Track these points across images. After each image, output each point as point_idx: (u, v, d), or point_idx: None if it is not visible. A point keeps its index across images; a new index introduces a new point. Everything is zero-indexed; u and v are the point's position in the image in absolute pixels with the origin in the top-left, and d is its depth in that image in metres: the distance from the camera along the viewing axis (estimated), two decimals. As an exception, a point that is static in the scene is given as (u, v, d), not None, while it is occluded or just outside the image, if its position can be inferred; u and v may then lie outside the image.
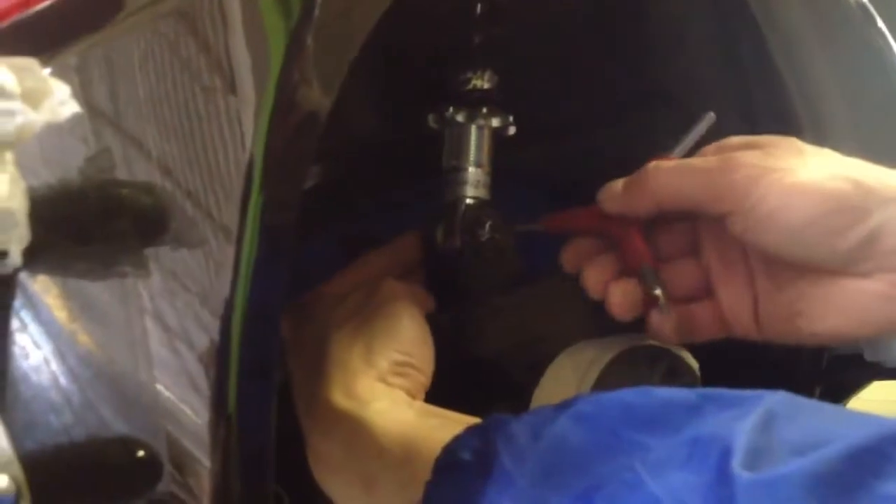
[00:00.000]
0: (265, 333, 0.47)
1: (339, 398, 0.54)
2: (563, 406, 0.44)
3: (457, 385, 0.63)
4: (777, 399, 0.39)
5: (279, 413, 0.59)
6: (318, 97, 0.44)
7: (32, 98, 0.30)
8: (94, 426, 0.41)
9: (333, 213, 0.75)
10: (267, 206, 0.45)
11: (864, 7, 0.82)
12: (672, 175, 0.54)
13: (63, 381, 0.41)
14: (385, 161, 0.77)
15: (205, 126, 0.43)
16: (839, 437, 0.34)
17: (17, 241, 0.33)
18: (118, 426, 0.42)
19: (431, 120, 0.68)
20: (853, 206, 0.48)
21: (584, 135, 0.81)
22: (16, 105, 0.29)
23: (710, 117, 0.62)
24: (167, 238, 0.42)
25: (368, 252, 0.67)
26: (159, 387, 0.43)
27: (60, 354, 0.41)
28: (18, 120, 0.29)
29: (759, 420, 0.37)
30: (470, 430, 0.46)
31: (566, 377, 0.59)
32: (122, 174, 0.42)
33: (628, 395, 0.43)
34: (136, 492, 0.41)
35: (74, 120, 0.36)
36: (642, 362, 0.62)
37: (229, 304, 0.44)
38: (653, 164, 0.55)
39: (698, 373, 0.65)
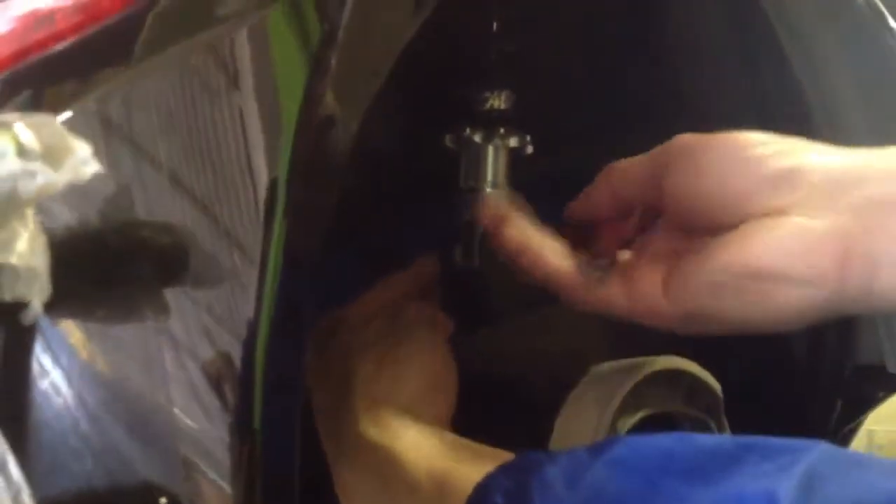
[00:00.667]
0: (290, 356, 0.47)
1: (368, 428, 0.53)
2: (599, 450, 0.43)
3: (478, 405, 0.62)
4: (819, 453, 0.38)
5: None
6: (341, 126, 0.44)
7: (53, 156, 0.29)
8: (116, 471, 0.40)
9: (351, 228, 0.75)
10: (291, 231, 0.45)
11: (874, 6, 0.81)
12: (622, 163, 0.54)
13: (84, 425, 0.41)
14: (402, 176, 0.76)
15: (227, 156, 0.43)
16: (884, 493, 0.33)
17: (39, 293, 0.33)
18: (139, 468, 0.41)
19: (448, 140, 0.67)
20: (774, 145, 0.47)
21: (596, 144, 0.80)
22: (36, 165, 0.29)
23: None
24: (188, 277, 0.42)
25: (389, 275, 0.66)
26: (179, 415, 0.43)
27: (80, 396, 0.41)
28: (39, 180, 0.29)
29: (802, 480, 0.36)
30: (503, 470, 0.46)
31: (588, 405, 0.59)
32: (142, 211, 0.41)
33: (667, 441, 0.43)
34: (158, 539, 0.41)
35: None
36: (663, 384, 0.61)
37: (253, 326, 0.44)
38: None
39: (720, 393, 0.65)
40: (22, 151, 0.29)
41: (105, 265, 0.40)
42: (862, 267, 0.43)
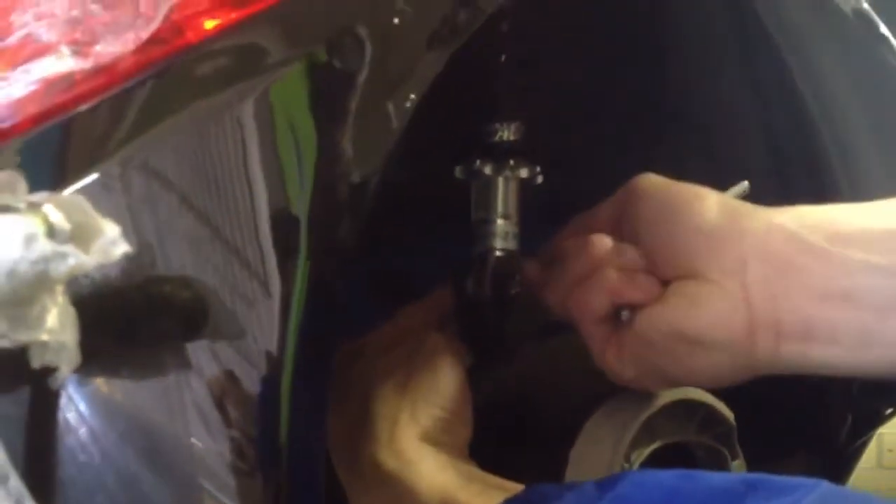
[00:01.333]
0: (315, 389, 0.48)
1: (384, 457, 0.54)
2: (606, 486, 0.44)
3: (495, 434, 0.63)
4: (822, 492, 0.39)
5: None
6: (362, 168, 0.45)
7: (82, 237, 0.30)
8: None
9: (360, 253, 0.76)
10: (313, 273, 0.46)
11: (863, 14, 0.83)
12: (588, 211, 0.59)
13: (111, 481, 0.41)
14: (412, 203, 0.77)
15: (246, 205, 0.44)
16: None
17: (67, 362, 0.33)
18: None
19: (459, 171, 0.68)
20: (710, 207, 0.51)
21: (595, 164, 0.81)
22: (67, 248, 0.29)
23: (744, 186, 0.62)
24: (208, 331, 0.43)
25: (396, 299, 0.67)
26: (205, 464, 0.43)
27: (105, 452, 0.41)
28: (70, 262, 0.29)
29: None
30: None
31: (602, 437, 0.59)
32: (163, 267, 0.42)
33: (672, 478, 0.43)
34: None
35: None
36: (676, 415, 0.62)
37: (277, 362, 0.45)
38: None
39: (733, 422, 0.65)
40: (52, 233, 0.29)
41: (129, 323, 0.41)
42: (767, 336, 0.48)
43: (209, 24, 0.41)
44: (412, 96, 0.48)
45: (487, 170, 0.66)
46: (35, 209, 0.30)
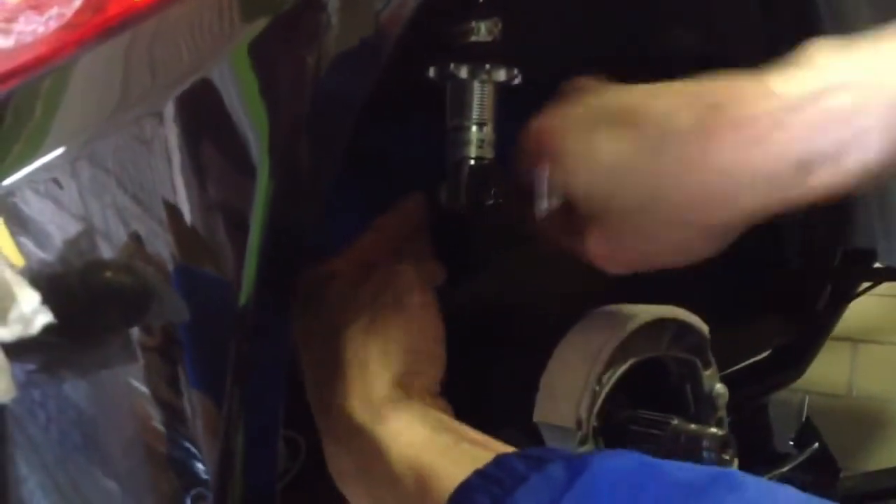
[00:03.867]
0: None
1: (355, 406, 0.54)
2: (577, 470, 0.44)
3: (469, 343, 0.63)
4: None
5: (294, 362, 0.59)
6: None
7: None
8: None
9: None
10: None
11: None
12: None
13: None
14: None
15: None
16: None
17: (4, 394, 0.32)
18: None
19: (433, 73, 0.64)
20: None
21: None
22: (-17, 323, 0.28)
23: None
24: (153, 311, 0.42)
25: (376, 219, 0.64)
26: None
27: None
28: (-13, 337, 0.28)
29: None
30: (479, 478, 0.46)
31: (574, 364, 0.59)
32: (107, 248, 0.40)
33: (637, 475, 0.43)
34: None
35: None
36: (648, 333, 0.61)
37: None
38: None
39: (706, 333, 0.65)
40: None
41: (72, 316, 0.40)
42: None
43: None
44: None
45: (462, 72, 0.63)
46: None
